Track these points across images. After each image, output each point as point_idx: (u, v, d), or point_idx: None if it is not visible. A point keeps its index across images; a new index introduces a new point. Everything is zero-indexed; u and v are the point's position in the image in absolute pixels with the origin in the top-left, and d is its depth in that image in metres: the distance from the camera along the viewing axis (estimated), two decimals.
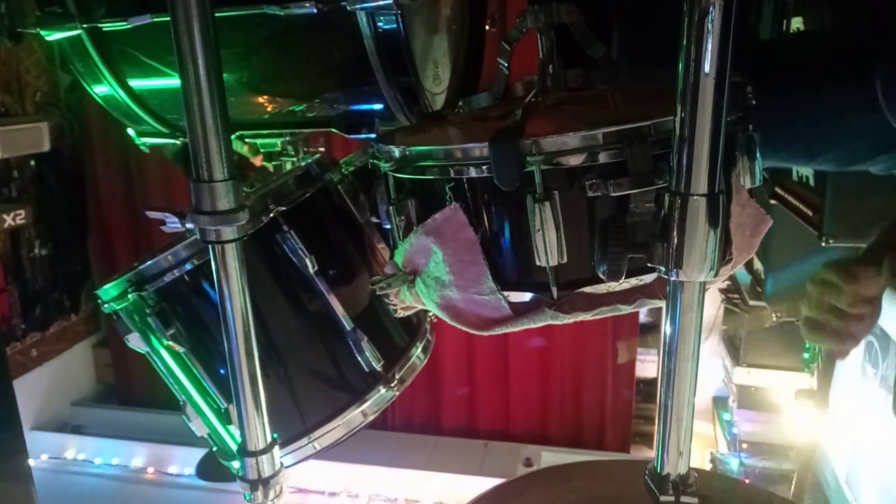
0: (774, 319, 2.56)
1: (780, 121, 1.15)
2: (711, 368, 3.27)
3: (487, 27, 1.39)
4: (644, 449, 3.63)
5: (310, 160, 1.16)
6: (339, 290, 1.04)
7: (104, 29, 1.12)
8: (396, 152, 0.86)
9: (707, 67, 0.60)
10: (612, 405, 3.53)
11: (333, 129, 1.19)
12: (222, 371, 0.99)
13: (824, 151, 1.19)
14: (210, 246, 0.80)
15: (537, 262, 0.78)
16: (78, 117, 3.73)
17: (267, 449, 0.89)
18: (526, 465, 3.34)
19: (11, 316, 3.53)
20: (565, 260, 0.77)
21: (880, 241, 1.13)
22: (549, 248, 0.76)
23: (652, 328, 3.60)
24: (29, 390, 3.61)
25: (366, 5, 0.96)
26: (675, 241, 0.64)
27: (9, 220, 3.37)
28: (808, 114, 1.15)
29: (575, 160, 0.75)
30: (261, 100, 1.23)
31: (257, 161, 1.40)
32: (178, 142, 1.30)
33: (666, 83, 0.64)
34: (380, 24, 0.98)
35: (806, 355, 2.89)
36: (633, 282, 0.82)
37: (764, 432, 2.97)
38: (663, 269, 0.66)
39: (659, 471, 0.72)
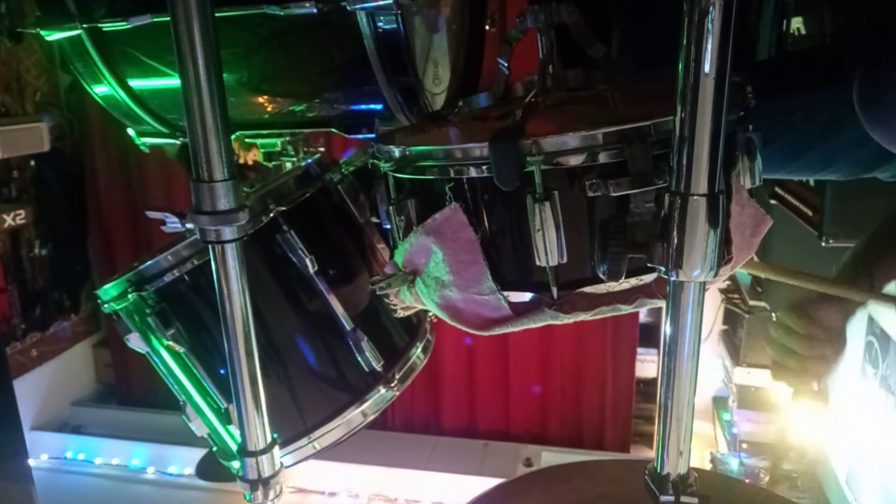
0: (774, 319, 2.56)
1: (783, 137, 1.15)
2: (711, 368, 3.27)
3: (487, 27, 1.39)
4: (644, 449, 3.63)
5: (310, 160, 1.16)
6: (339, 290, 1.04)
7: (104, 29, 1.12)
8: (396, 152, 0.86)
9: (707, 67, 0.59)
10: (612, 405, 3.53)
11: (333, 129, 1.19)
12: (222, 371, 0.99)
13: (830, 164, 1.18)
14: (210, 246, 0.80)
15: (537, 262, 0.78)
16: (78, 117, 3.73)
17: (267, 449, 0.89)
18: (526, 465, 3.34)
19: (11, 316, 3.53)
20: (565, 260, 0.77)
21: (851, 261, 1.15)
22: (549, 248, 0.76)
23: (652, 328, 3.60)
24: (29, 390, 3.61)
25: (366, 5, 0.96)
26: (675, 241, 0.64)
27: (9, 220, 3.37)
28: (810, 128, 1.15)
29: (575, 160, 0.75)
30: (261, 100, 1.23)
31: (250, 157, 1.40)
32: (178, 141, 1.30)
33: (666, 83, 0.64)
34: (380, 24, 0.98)
35: None
36: (633, 282, 0.82)
37: (764, 432, 2.97)
38: (663, 269, 0.66)
39: (659, 471, 0.72)
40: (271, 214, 0.99)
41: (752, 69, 1.23)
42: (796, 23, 1.62)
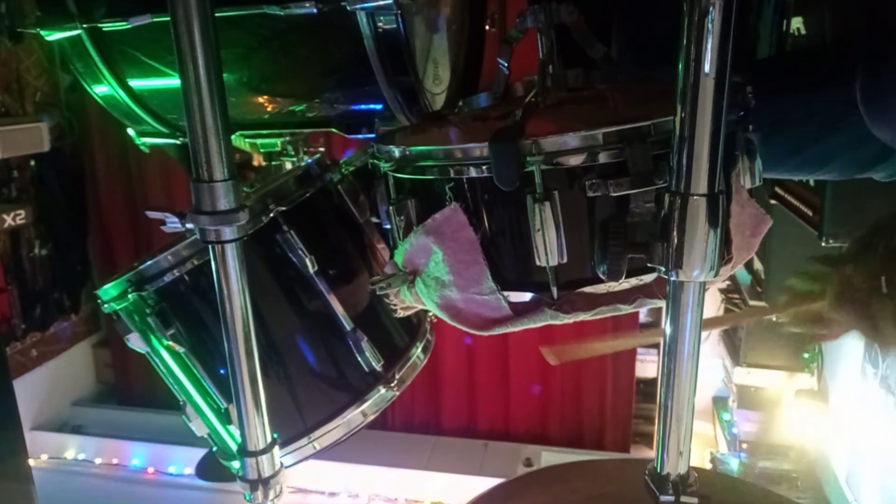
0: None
1: (782, 134, 1.15)
2: (711, 368, 3.27)
3: (487, 27, 1.39)
4: (644, 449, 3.63)
5: (310, 160, 1.16)
6: (339, 290, 1.04)
7: (104, 29, 1.12)
8: (396, 152, 0.86)
9: (707, 67, 0.59)
10: (612, 405, 3.53)
11: (333, 129, 1.19)
12: (222, 371, 0.99)
13: (827, 163, 1.19)
14: (210, 246, 0.80)
15: (537, 262, 0.78)
16: (78, 117, 3.73)
17: (267, 449, 0.89)
18: (526, 465, 3.34)
19: (11, 316, 3.53)
20: (565, 260, 0.77)
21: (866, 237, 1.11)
22: (549, 248, 0.76)
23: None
24: (29, 390, 3.61)
25: (366, 5, 0.96)
26: (675, 241, 0.64)
27: (9, 220, 3.37)
28: (809, 126, 1.15)
29: (575, 160, 0.75)
30: (261, 100, 1.23)
31: (261, 158, 1.40)
32: (178, 141, 1.30)
33: (666, 83, 0.64)
34: (380, 24, 0.98)
35: (806, 355, 2.89)
36: (633, 282, 0.82)
37: (764, 432, 2.97)
38: (663, 269, 0.66)
39: (659, 471, 0.72)
40: (271, 214, 0.99)
41: (752, 69, 1.23)
42: (796, 23, 1.61)
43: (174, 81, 1.08)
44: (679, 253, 0.64)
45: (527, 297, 0.85)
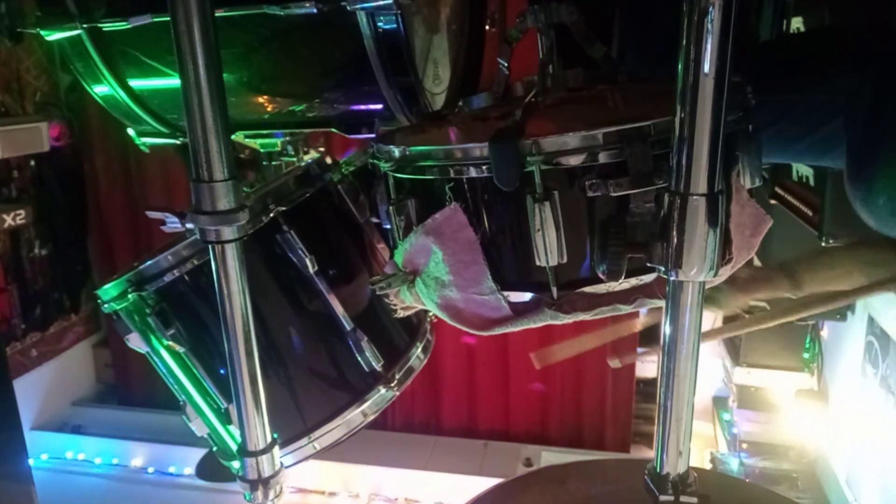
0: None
1: (783, 120, 1.16)
2: (711, 368, 3.27)
3: (487, 27, 1.39)
4: (644, 449, 3.62)
5: (310, 160, 1.16)
6: (339, 290, 1.04)
7: (104, 29, 1.12)
8: (396, 152, 0.86)
9: (707, 67, 0.60)
10: (612, 405, 3.53)
11: (333, 129, 1.19)
12: (222, 371, 0.99)
13: (828, 150, 1.19)
14: (210, 246, 0.80)
15: (537, 262, 0.78)
16: (78, 117, 3.73)
17: (267, 449, 0.89)
18: (526, 465, 3.34)
19: (11, 316, 3.53)
20: (565, 260, 0.77)
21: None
22: (549, 248, 0.76)
23: (652, 328, 3.59)
24: (29, 390, 3.61)
25: (366, 5, 0.96)
26: (675, 241, 0.64)
27: (9, 220, 3.37)
28: (810, 112, 1.15)
29: (575, 160, 0.75)
30: (261, 100, 1.23)
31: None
32: (178, 141, 1.30)
33: (666, 83, 0.64)
34: (380, 24, 0.99)
35: (806, 355, 2.89)
36: (633, 282, 0.82)
37: (764, 432, 2.97)
38: (663, 268, 0.66)
39: (658, 471, 0.72)
40: (271, 214, 0.99)
41: (755, 50, 1.25)
42: (796, 23, 1.62)
43: (174, 81, 1.08)
44: (679, 253, 0.64)
45: (527, 297, 0.85)
